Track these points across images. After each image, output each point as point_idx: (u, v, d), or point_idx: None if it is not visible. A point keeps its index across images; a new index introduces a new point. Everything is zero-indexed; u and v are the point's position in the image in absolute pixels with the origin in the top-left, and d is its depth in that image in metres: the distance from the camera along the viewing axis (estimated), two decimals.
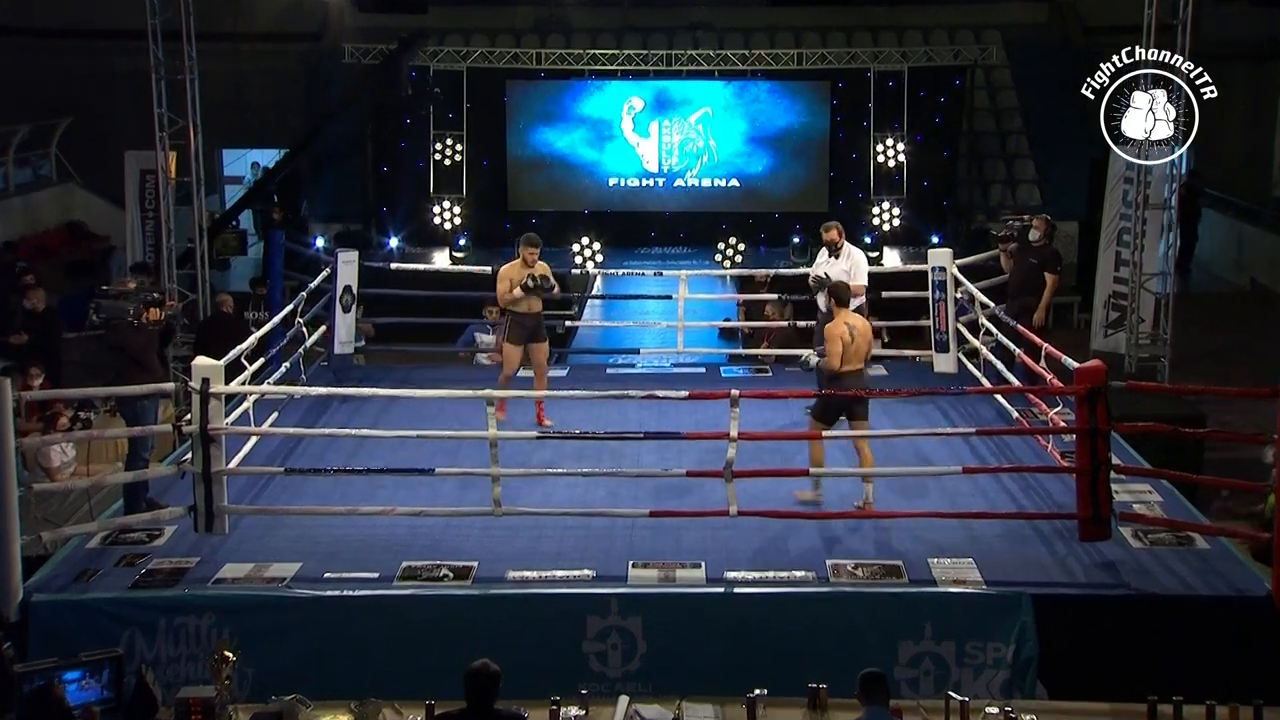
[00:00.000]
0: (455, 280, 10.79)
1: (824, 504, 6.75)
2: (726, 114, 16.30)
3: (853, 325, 6.97)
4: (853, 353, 6.92)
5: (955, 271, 9.12)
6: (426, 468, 6.51)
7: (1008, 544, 6.33)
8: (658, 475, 6.79)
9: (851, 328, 6.96)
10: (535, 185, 16.51)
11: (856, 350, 6.94)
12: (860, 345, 6.94)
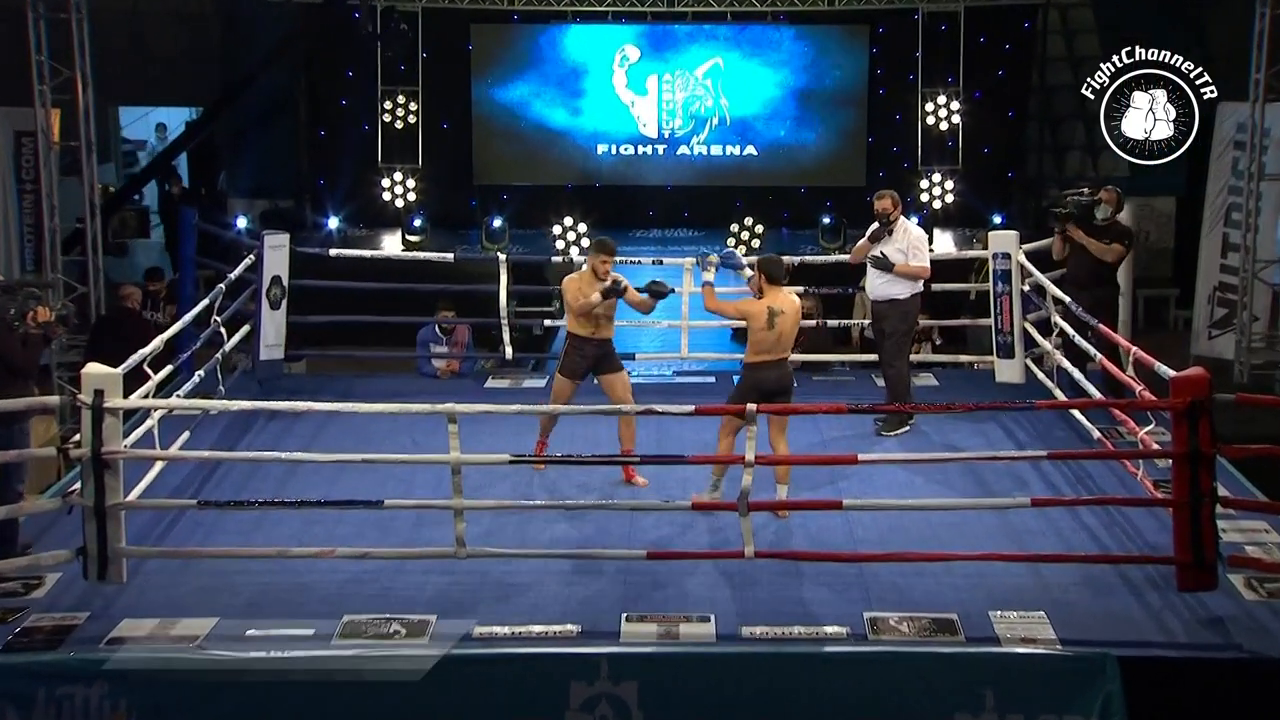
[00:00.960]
0: (410, 270, 10.82)
1: (857, 538, 6.77)
2: (741, 66, 16.36)
3: (778, 309, 7.09)
4: (774, 341, 7.06)
5: (1022, 258, 9.16)
6: (374, 499, 6.52)
7: (1088, 594, 6.34)
8: (657, 508, 6.81)
9: (776, 312, 7.07)
10: (507, 153, 16.56)
11: (780, 338, 7.08)
12: (786, 333, 7.09)
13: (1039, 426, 8.46)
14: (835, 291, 10.20)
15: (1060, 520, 7.03)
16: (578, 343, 7.64)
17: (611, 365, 7.69)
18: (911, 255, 8.31)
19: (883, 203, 8.38)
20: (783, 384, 7.11)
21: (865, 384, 9.58)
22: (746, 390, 7.08)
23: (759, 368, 7.10)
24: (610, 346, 7.70)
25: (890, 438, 8.33)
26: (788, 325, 7.10)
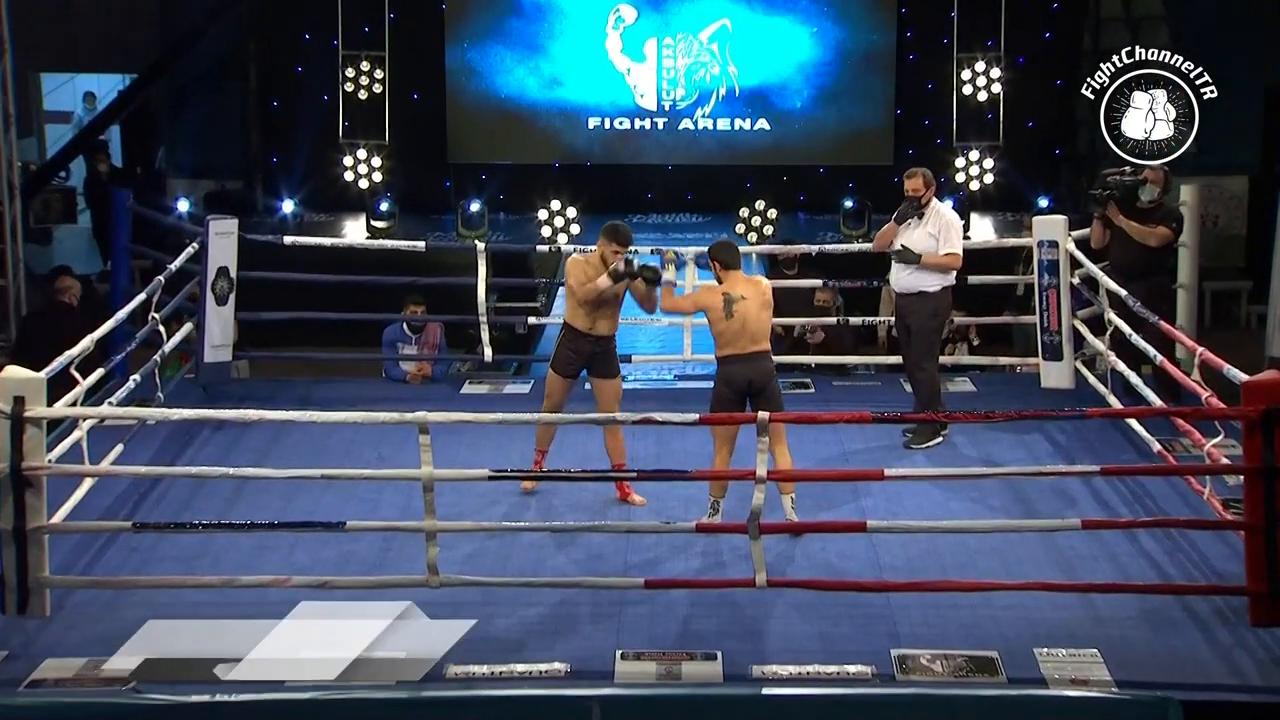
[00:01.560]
0: (375, 260, 10.83)
1: (883, 564, 6.78)
2: (752, 28, 16.39)
3: (736, 295, 7.13)
4: (737, 331, 7.10)
5: (1072, 247, 9.17)
6: (335, 521, 6.52)
7: (1147, 629, 6.35)
8: (657, 530, 6.83)
9: (734, 299, 7.12)
10: (486, 128, 16.58)
11: (745, 327, 7.10)
12: (751, 320, 7.12)
13: (1090, 438, 8.47)
14: (858, 284, 10.21)
15: (1115, 545, 7.04)
16: (572, 335, 7.64)
17: (606, 368, 7.68)
18: (943, 241, 8.31)
19: (913, 182, 8.38)
20: (757, 381, 7.14)
21: (892, 389, 9.58)
22: (718, 391, 7.16)
23: (725, 363, 7.20)
24: (609, 345, 7.70)
25: (920, 451, 8.34)
26: (751, 311, 7.13)
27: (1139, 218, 8.87)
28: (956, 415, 7.27)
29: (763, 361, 7.18)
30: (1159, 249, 8.87)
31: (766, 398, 7.13)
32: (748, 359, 7.14)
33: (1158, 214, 8.90)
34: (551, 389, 7.69)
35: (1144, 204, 8.92)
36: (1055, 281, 9.17)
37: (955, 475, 7.21)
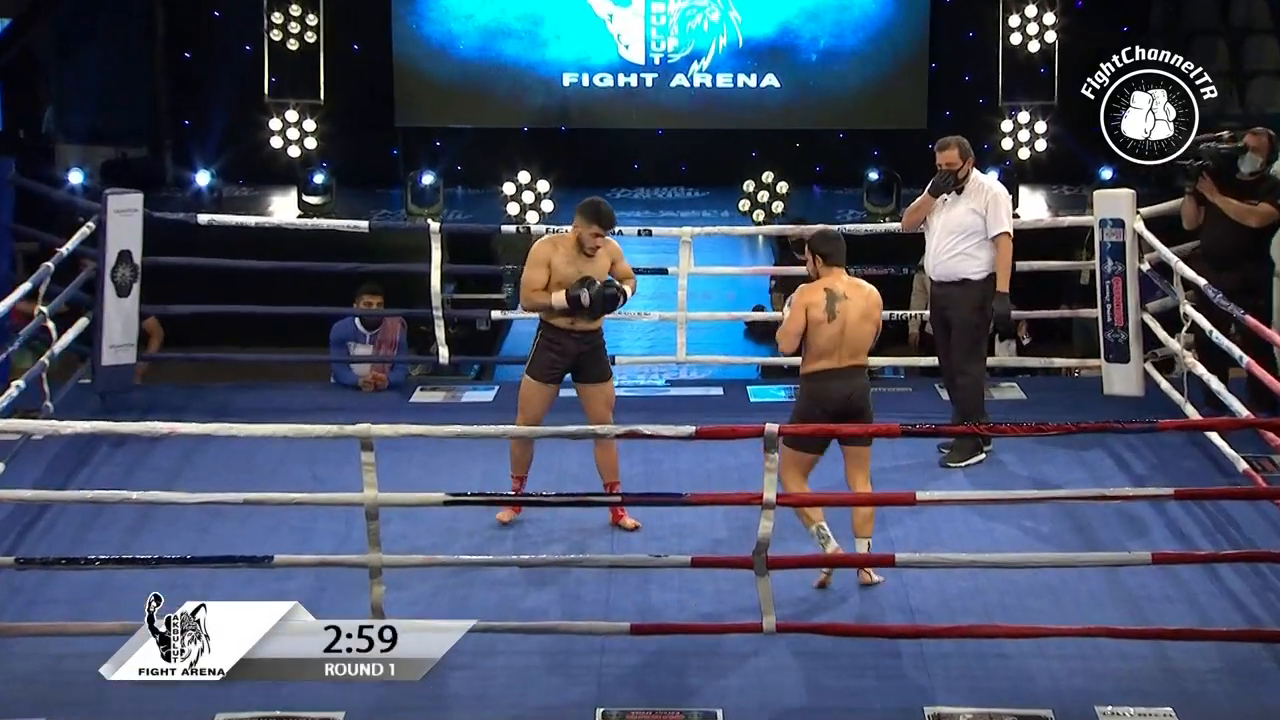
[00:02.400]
0: (308, 243, 10.82)
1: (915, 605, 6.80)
2: None
3: (840, 293, 7.09)
4: (836, 339, 7.05)
5: (1141, 227, 9.19)
6: (260, 554, 6.52)
7: (1231, 683, 6.37)
8: (645, 564, 6.84)
9: (836, 297, 7.07)
10: (441, 85, 16.60)
11: (846, 335, 7.08)
12: (853, 326, 7.09)
13: (1163, 455, 8.50)
14: (885, 272, 10.25)
15: (1194, 582, 7.05)
16: (554, 336, 7.56)
17: (595, 371, 7.65)
18: (991, 219, 8.31)
19: (947, 154, 8.38)
20: (855, 401, 7.09)
21: (926, 396, 9.61)
22: (806, 410, 7.11)
23: (819, 378, 7.08)
24: (598, 342, 7.66)
25: (959, 470, 8.36)
26: (853, 317, 7.08)
27: (1238, 193, 8.86)
28: (1003, 428, 7.28)
29: (860, 378, 7.14)
30: (1261, 230, 8.86)
31: (864, 418, 7.11)
32: (844, 375, 7.07)
33: (1261, 188, 8.88)
34: (528, 401, 7.62)
35: (1244, 176, 8.90)
36: (1120, 268, 9.18)
37: (1001, 499, 7.21)
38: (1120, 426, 8.09)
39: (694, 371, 10.79)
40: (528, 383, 7.63)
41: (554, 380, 7.62)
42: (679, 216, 15.38)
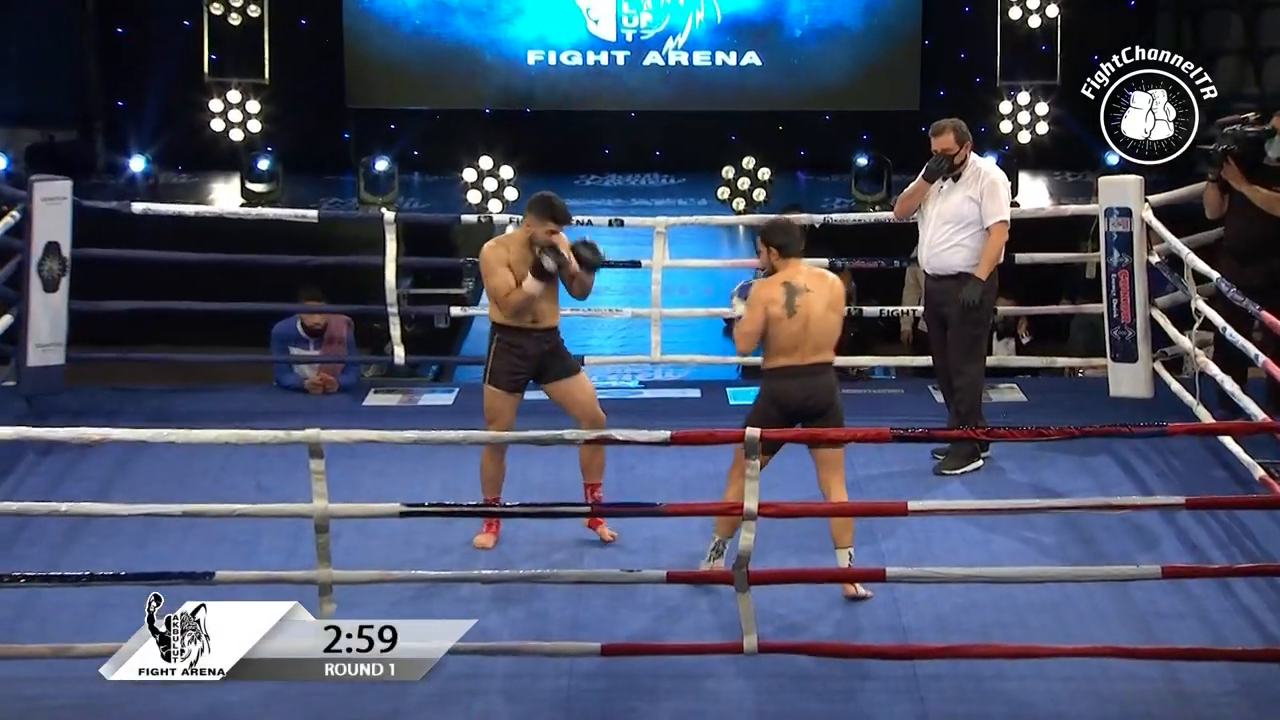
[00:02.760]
0: (253, 234, 10.81)
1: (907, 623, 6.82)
2: None
3: (800, 286, 7.10)
4: (798, 336, 7.07)
5: (1149, 216, 9.22)
6: (200, 570, 6.51)
7: (1248, 706, 6.38)
8: (617, 580, 6.83)
9: (796, 291, 7.08)
10: (396, 64, 16.59)
11: (809, 329, 7.09)
12: (816, 321, 7.10)
13: (1174, 461, 8.52)
14: (876, 265, 10.25)
15: (1206, 598, 7.06)
16: (511, 339, 7.53)
17: (563, 366, 7.63)
18: (988, 208, 8.33)
19: (943, 139, 8.38)
20: (817, 401, 7.12)
21: (919, 398, 9.63)
22: (763, 410, 7.13)
23: (777, 377, 7.12)
24: (558, 339, 7.66)
25: (954, 478, 8.39)
26: (816, 310, 7.09)
27: (1266, 179, 8.89)
28: (1001, 432, 7.29)
29: (824, 376, 7.16)
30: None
31: (827, 420, 7.11)
32: (808, 373, 7.09)
33: None
34: (498, 413, 7.55)
35: (1273, 161, 8.90)
36: (1128, 260, 9.20)
37: (999, 509, 7.24)
38: (1127, 430, 8.07)
39: (669, 372, 10.80)
40: (492, 394, 7.57)
41: (519, 388, 7.58)
42: (653, 205, 15.39)
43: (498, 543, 7.55)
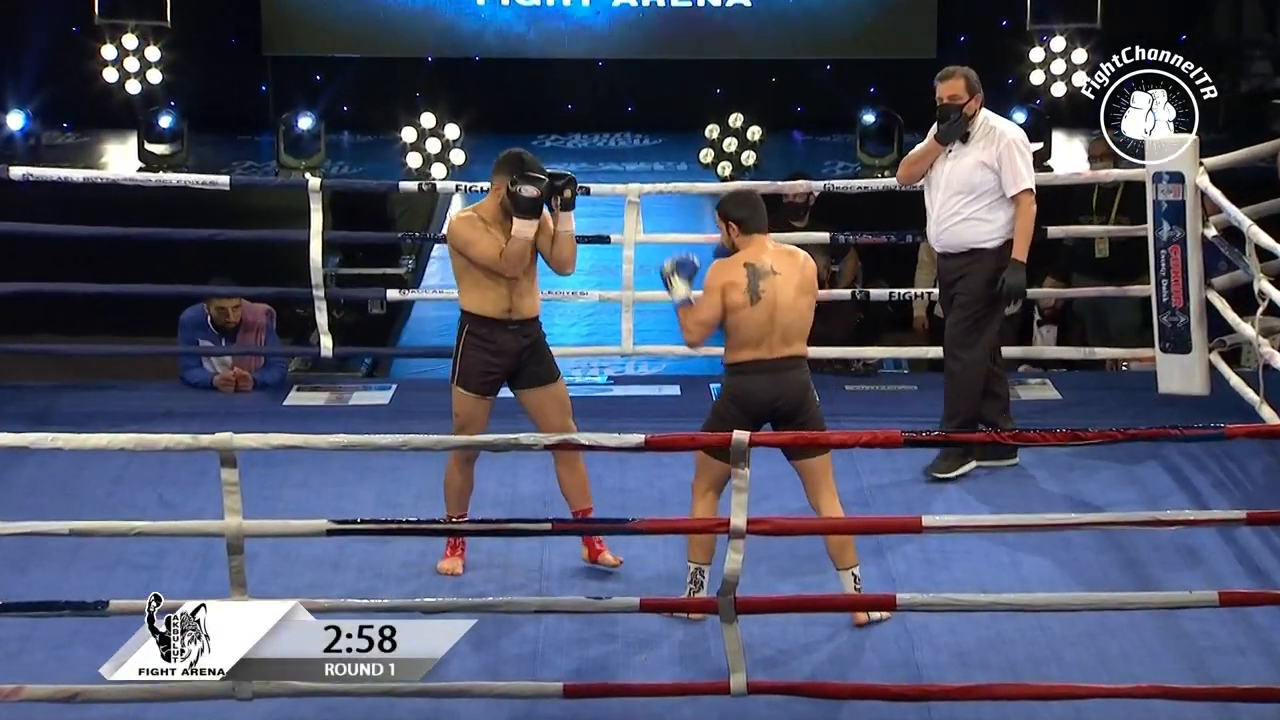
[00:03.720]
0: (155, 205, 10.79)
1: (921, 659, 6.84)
2: None
3: (764, 268, 7.08)
4: (764, 326, 7.06)
5: (1206, 183, 9.26)
6: (93, 600, 6.51)
7: None
8: (583, 608, 6.85)
9: (760, 273, 7.06)
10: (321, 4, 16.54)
11: (776, 318, 7.08)
12: (785, 309, 7.08)
13: (1234, 469, 8.56)
14: (885, 240, 10.26)
15: (1271, 628, 7.09)
16: (484, 331, 7.49)
17: (540, 370, 7.56)
18: (1007, 173, 8.36)
19: (950, 85, 8.42)
20: (787, 402, 7.11)
21: (934, 395, 9.63)
22: (724, 411, 7.12)
23: (740, 372, 7.11)
24: (538, 333, 7.59)
25: (948, 481, 8.44)
26: (785, 295, 7.07)
27: None
28: (1032, 435, 7.30)
29: (795, 372, 7.13)
30: None
31: (800, 424, 7.10)
32: (775, 368, 7.07)
33: None
34: (469, 419, 7.50)
35: None
36: (1179, 234, 9.23)
37: (1030, 525, 7.24)
38: (1179, 433, 8.09)
39: (644, 366, 10.82)
40: (461, 397, 7.52)
41: (492, 389, 7.53)
42: (624, 170, 15.40)
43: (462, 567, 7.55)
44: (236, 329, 9.83)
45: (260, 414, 9.38)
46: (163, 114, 15.37)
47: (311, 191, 9.73)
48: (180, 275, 10.16)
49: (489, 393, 7.51)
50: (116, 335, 10.90)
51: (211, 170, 11.83)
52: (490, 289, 7.47)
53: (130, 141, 15.46)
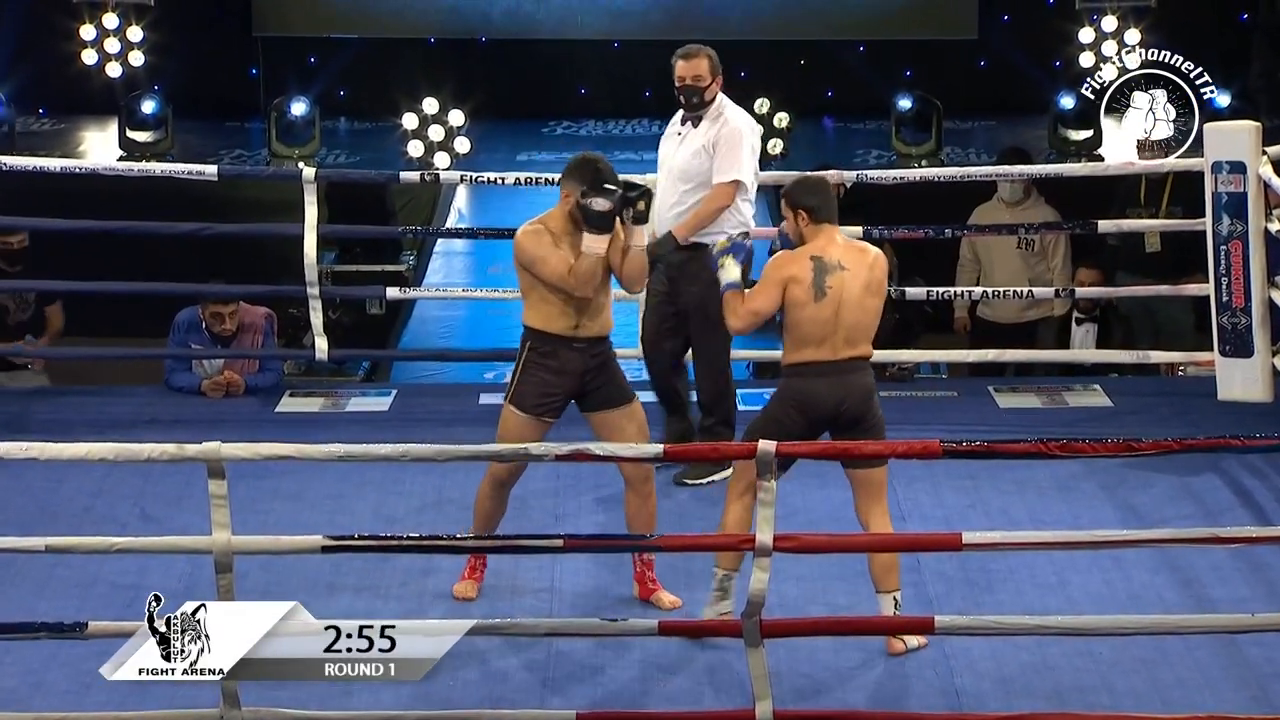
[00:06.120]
0: (139, 196, 10.80)
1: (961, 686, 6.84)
2: None
3: (831, 263, 7.07)
4: (828, 325, 7.04)
5: (1270, 173, 9.24)
6: (70, 621, 6.52)
7: None
8: (598, 631, 6.85)
9: (828, 269, 7.05)
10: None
11: (841, 316, 7.06)
12: (851, 308, 7.07)
13: None
14: (922, 234, 10.24)
15: None
16: (548, 349, 7.39)
17: (613, 392, 7.45)
18: (719, 162, 8.51)
19: (694, 65, 8.73)
20: (851, 407, 7.09)
21: (977, 402, 9.66)
22: (781, 415, 7.10)
23: (800, 374, 7.09)
24: (609, 352, 7.49)
25: (697, 488, 8.44)
26: (852, 293, 7.05)
27: None
28: (1081, 446, 7.29)
29: (859, 375, 7.13)
30: None
31: (863, 432, 7.08)
32: (839, 370, 7.05)
33: None
34: (515, 441, 7.27)
35: None
36: (1240, 228, 9.20)
37: (1078, 543, 7.22)
38: (1240, 443, 8.10)
39: None
40: (513, 417, 7.43)
41: (552, 413, 7.44)
42: (641, 159, 15.34)
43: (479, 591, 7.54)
44: (233, 338, 9.81)
45: (250, 421, 9.38)
46: (146, 99, 15.37)
47: (305, 182, 9.72)
48: (165, 272, 10.17)
49: (545, 415, 7.43)
50: (97, 337, 10.90)
51: (198, 159, 11.87)
52: (556, 305, 7.37)
53: (111, 128, 15.47)
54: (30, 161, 10.59)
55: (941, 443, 6.87)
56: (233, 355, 9.86)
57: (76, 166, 11.11)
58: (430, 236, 13.37)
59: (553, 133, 16.18)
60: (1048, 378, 10.34)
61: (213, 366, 9.84)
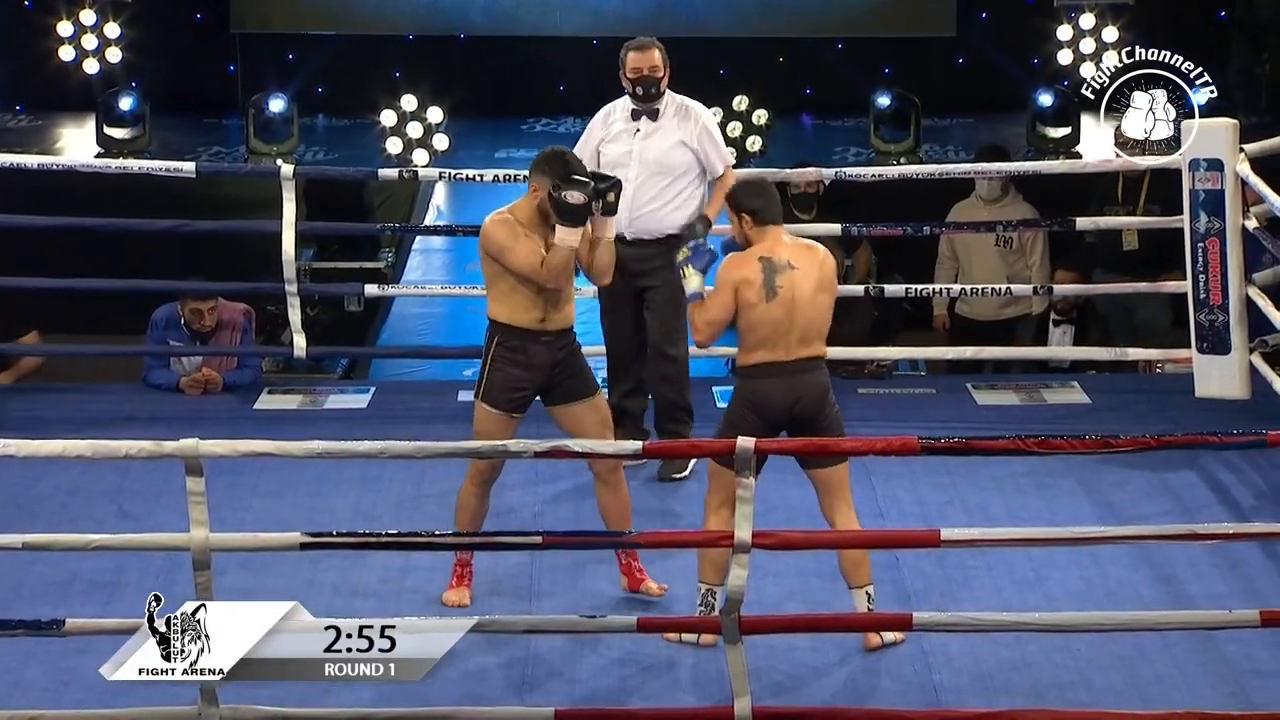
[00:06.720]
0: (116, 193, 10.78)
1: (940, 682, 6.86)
2: None
3: (781, 263, 7.08)
4: (781, 325, 7.05)
5: (1246, 170, 9.25)
6: (47, 618, 6.52)
7: None
8: (576, 628, 6.87)
9: (777, 269, 7.06)
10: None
11: (794, 316, 7.07)
12: (804, 307, 7.08)
13: (1276, 479, 8.56)
14: (900, 231, 10.26)
15: None
16: (515, 342, 7.39)
17: (578, 385, 7.48)
18: (714, 155, 8.60)
19: (649, 57, 8.74)
20: (806, 406, 7.12)
21: (955, 399, 9.67)
22: (738, 418, 7.11)
23: (755, 375, 7.11)
24: (574, 345, 7.51)
25: (681, 481, 8.47)
26: (804, 292, 7.07)
27: None
28: (1059, 442, 7.31)
29: (814, 374, 7.14)
30: None
31: (819, 430, 7.09)
32: (793, 371, 7.07)
33: None
34: (489, 437, 7.31)
35: None
36: (1218, 225, 9.22)
37: (1056, 539, 7.25)
38: (1217, 440, 8.10)
39: None
40: (484, 414, 7.44)
41: (519, 407, 7.45)
42: None
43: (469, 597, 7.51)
44: (212, 335, 9.82)
45: (229, 418, 9.37)
46: (123, 95, 15.33)
47: (284, 179, 9.72)
48: (142, 269, 10.14)
49: (515, 410, 7.44)
50: (73, 334, 10.89)
51: (176, 156, 11.84)
52: (523, 297, 7.37)
53: (88, 125, 15.42)
54: (7, 158, 10.56)
55: (920, 439, 6.86)
56: (211, 352, 9.85)
57: (54, 163, 11.11)
58: (409, 233, 13.34)
59: (532, 130, 16.14)
60: (1026, 375, 10.36)
61: (191, 364, 9.84)
